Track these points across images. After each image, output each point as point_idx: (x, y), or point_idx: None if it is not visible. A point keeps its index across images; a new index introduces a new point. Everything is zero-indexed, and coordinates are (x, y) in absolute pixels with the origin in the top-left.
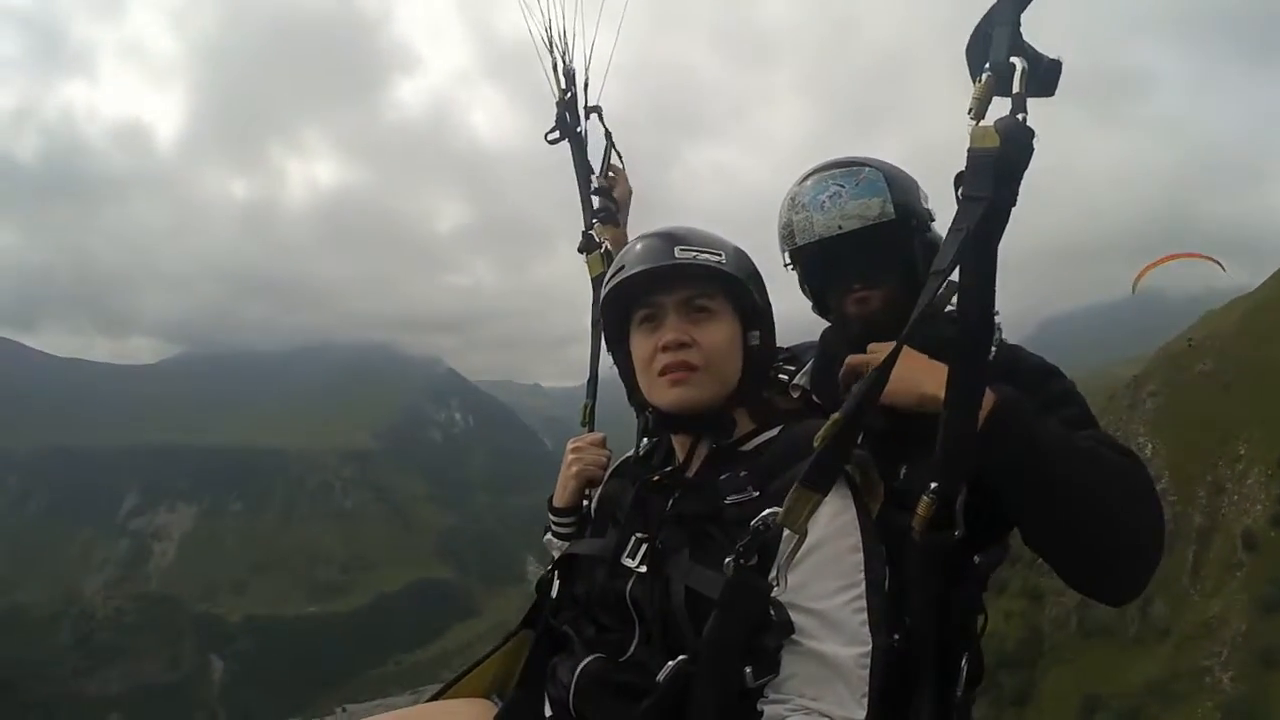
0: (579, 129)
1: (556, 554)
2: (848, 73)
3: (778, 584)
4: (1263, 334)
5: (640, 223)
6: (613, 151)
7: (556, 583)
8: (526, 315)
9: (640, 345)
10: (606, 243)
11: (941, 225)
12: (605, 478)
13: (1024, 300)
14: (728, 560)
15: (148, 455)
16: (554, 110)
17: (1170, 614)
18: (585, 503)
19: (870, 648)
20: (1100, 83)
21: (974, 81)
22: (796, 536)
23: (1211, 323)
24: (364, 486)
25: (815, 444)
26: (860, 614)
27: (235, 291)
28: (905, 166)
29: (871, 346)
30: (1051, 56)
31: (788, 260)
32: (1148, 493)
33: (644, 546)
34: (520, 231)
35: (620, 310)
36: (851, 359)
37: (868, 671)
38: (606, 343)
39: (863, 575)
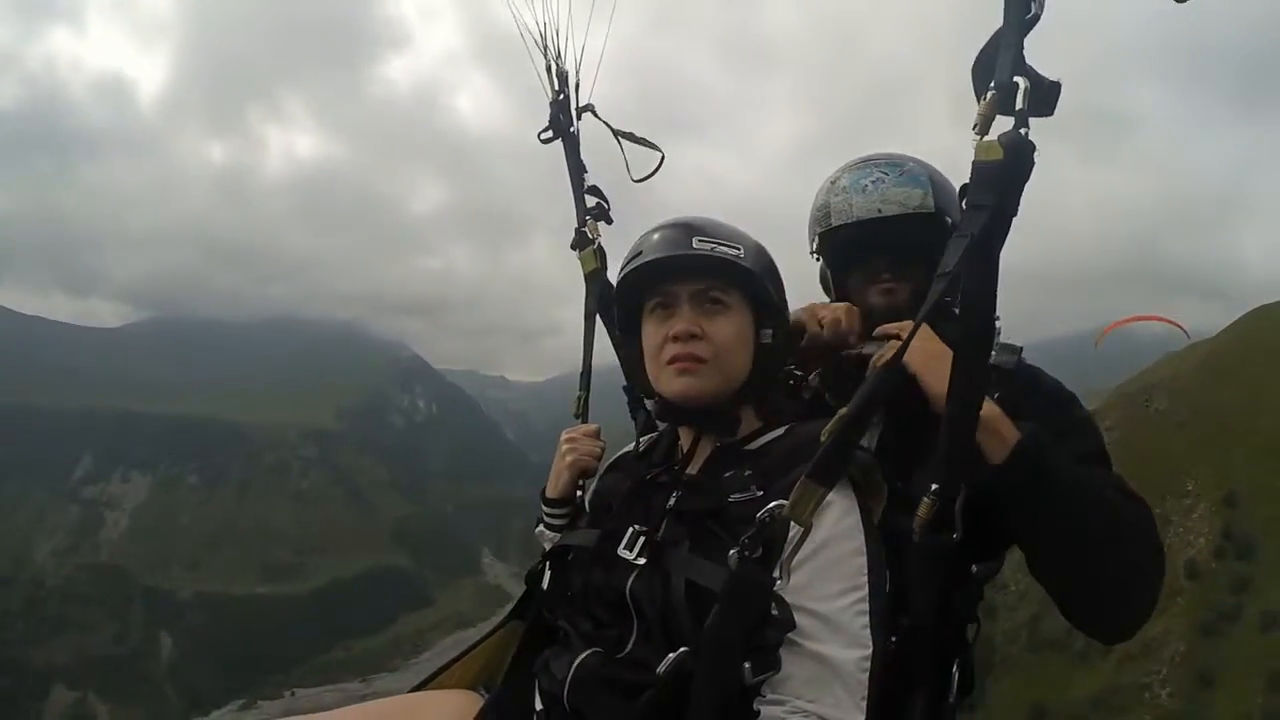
0: (572, 128)
1: (548, 545)
2: (846, 85)
3: (781, 578)
4: (1217, 379)
5: (619, 220)
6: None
7: (548, 575)
8: (498, 305)
9: (651, 333)
10: (599, 240)
11: None
12: (601, 471)
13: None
14: (732, 552)
15: (104, 421)
16: (543, 106)
17: None
18: (579, 494)
19: (870, 651)
20: (1082, 119)
21: (978, 100)
22: (801, 530)
23: (1171, 364)
24: (323, 467)
25: (822, 437)
26: (862, 617)
27: (205, 258)
28: None
29: (891, 327)
30: (1052, 79)
31: (815, 247)
32: (1152, 543)
33: (641, 540)
34: (498, 220)
35: (634, 297)
36: (884, 327)
37: (867, 675)
38: (618, 329)
39: (865, 578)
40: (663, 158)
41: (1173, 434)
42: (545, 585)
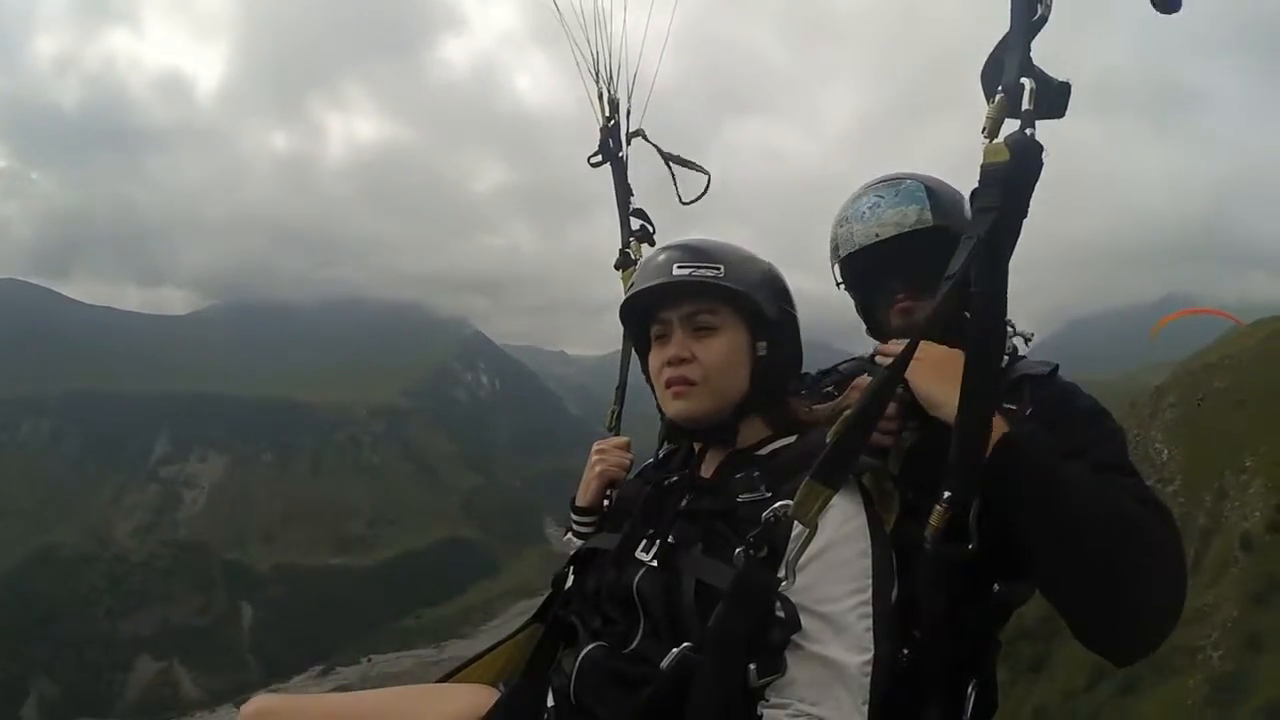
0: (620, 153)
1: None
2: (909, 56)
3: (786, 578)
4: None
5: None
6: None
7: (571, 577)
8: (561, 282)
9: (653, 359)
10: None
11: None
12: (627, 480)
13: (1056, 297)
14: (738, 551)
15: (179, 404)
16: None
17: None
18: (606, 504)
19: (873, 655)
20: (1156, 95)
21: (988, 103)
22: (806, 531)
23: (1233, 342)
24: (392, 443)
25: (828, 439)
26: (865, 620)
27: (271, 245)
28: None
29: (894, 342)
30: (1060, 79)
31: (839, 279)
32: (1170, 555)
33: (657, 542)
34: (559, 196)
35: (640, 323)
36: (882, 348)
37: (869, 679)
38: (636, 352)
39: (869, 581)
40: (709, 180)
41: (1233, 411)
42: (567, 586)
